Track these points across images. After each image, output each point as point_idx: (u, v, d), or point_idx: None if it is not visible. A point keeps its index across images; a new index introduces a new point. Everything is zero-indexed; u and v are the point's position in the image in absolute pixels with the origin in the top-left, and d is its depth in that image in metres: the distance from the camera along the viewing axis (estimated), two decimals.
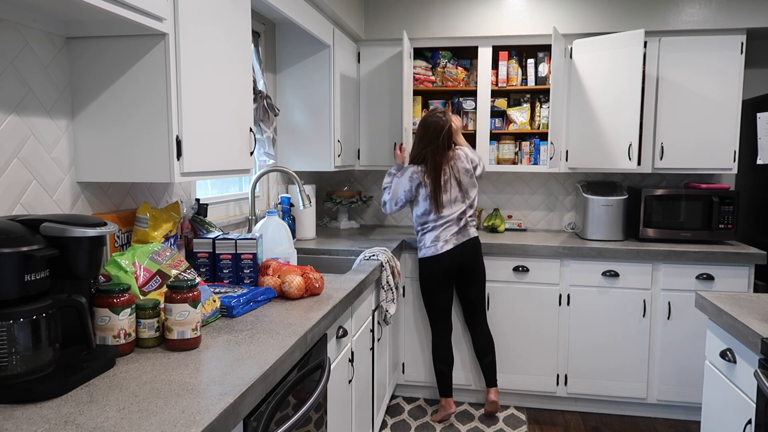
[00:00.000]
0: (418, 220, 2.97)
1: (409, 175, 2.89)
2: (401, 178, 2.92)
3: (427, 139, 2.87)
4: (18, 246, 1.15)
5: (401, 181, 2.91)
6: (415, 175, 2.88)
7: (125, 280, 1.50)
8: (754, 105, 3.29)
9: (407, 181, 2.90)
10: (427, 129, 2.88)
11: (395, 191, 2.94)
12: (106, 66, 1.57)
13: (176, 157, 1.56)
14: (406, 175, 2.90)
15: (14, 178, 1.44)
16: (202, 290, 1.59)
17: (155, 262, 1.59)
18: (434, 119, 2.88)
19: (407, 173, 2.90)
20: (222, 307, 1.70)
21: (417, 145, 2.92)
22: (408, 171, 2.90)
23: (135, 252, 1.56)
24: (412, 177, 2.88)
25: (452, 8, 3.51)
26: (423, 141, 2.89)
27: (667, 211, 3.31)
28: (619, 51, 3.15)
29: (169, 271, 1.61)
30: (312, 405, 1.55)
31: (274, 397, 1.40)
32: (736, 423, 1.80)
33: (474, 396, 3.44)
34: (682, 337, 3.14)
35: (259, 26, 2.88)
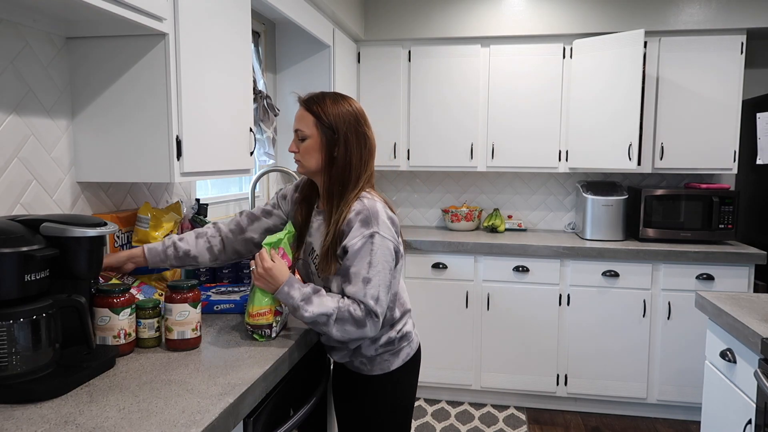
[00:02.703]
0: (394, 297, 1.63)
1: (387, 216, 1.53)
2: (380, 229, 1.49)
3: (369, 147, 1.60)
4: (18, 246, 1.15)
5: (385, 237, 1.49)
6: (392, 215, 1.57)
7: None
8: (754, 105, 3.29)
9: (391, 229, 1.52)
10: (365, 131, 1.60)
11: (382, 267, 1.48)
12: (106, 66, 1.57)
13: (176, 157, 1.56)
14: (383, 218, 1.51)
15: (14, 178, 1.44)
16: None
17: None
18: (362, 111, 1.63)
19: (381, 213, 1.51)
20: None
21: (356, 155, 1.56)
22: (379, 208, 1.51)
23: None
24: (393, 220, 1.55)
25: (452, 8, 3.51)
26: (355, 146, 1.56)
27: (667, 211, 3.31)
28: (619, 51, 3.15)
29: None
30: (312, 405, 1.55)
31: (274, 397, 1.40)
32: (736, 423, 1.80)
33: (474, 396, 3.44)
34: (682, 337, 3.14)
35: (259, 26, 2.88)
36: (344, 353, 1.63)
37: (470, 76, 3.53)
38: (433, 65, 3.56)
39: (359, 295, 1.44)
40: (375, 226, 1.47)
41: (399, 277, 1.63)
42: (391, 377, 1.64)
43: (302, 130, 1.55)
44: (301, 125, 1.56)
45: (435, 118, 3.59)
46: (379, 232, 1.48)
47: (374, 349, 1.60)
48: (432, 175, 4.00)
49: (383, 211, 1.52)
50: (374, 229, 1.47)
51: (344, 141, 1.54)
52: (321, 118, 1.54)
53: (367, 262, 1.45)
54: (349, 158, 1.54)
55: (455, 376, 3.38)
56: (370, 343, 1.60)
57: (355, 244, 1.46)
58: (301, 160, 1.58)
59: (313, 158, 1.55)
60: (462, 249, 3.31)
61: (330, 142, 1.54)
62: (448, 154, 3.59)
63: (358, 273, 1.45)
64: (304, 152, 1.56)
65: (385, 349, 1.61)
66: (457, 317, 3.36)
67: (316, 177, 1.60)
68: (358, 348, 1.60)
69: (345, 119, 1.55)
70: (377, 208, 1.51)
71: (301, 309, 1.42)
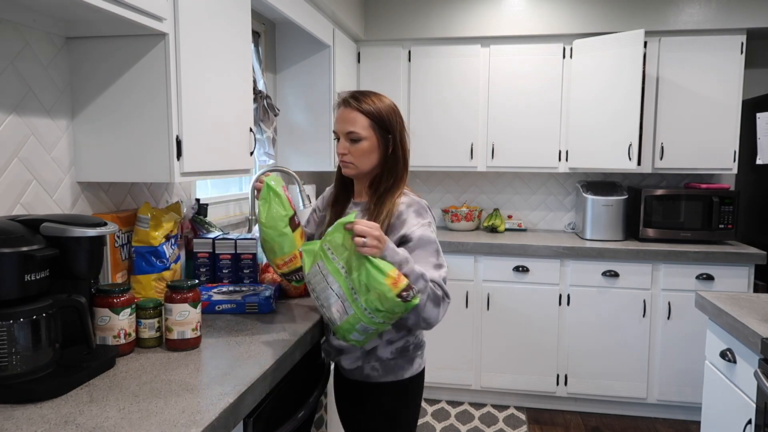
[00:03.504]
0: None
1: (431, 218, 1.57)
2: (431, 224, 1.55)
3: (408, 140, 1.64)
4: (18, 246, 1.15)
5: (434, 232, 1.55)
6: (430, 209, 1.61)
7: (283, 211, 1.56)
8: (754, 105, 3.29)
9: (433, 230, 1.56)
10: (403, 124, 1.63)
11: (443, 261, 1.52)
12: (107, 66, 1.57)
13: (176, 157, 1.56)
14: (431, 215, 1.59)
15: (14, 178, 1.44)
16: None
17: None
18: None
19: (428, 210, 1.59)
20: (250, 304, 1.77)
21: (408, 150, 1.63)
22: (424, 205, 1.57)
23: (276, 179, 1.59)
24: (431, 223, 1.57)
25: (452, 8, 3.51)
26: (406, 142, 1.62)
27: (667, 211, 3.31)
28: (619, 51, 3.15)
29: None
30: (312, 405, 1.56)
31: (274, 397, 1.40)
32: (736, 423, 1.80)
33: (474, 396, 3.44)
34: (682, 337, 3.14)
35: (259, 26, 2.88)
36: (356, 357, 1.56)
37: (470, 76, 3.53)
38: (433, 65, 3.56)
39: (436, 278, 1.42)
40: (429, 218, 1.53)
41: None
42: (402, 386, 1.57)
43: (357, 132, 1.52)
44: (356, 127, 1.52)
45: (435, 118, 3.59)
46: (432, 223, 1.54)
47: (390, 352, 1.54)
48: (432, 175, 3.99)
49: (429, 208, 1.58)
50: (429, 219, 1.53)
51: (400, 139, 1.57)
52: (377, 119, 1.53)
53: (434, 249, 1.47)
54: (404, 155, 1.58)
55: (455, 376, 3.38)
56: (387, 344, 1.55)
57: (416, 231, 1.46)
58: (354, 162, 1.55)
59: (370, 160, 1.55)
60: (462, 249, 3.31)
61: (386, 141, 1.55)
62: (448, 154, 3.59)
63: (428, 259, 1.44)
64: (360, 155, 1.53)
65: (400, 354, 1.56)
66: (457, 317, 3.36)
67: (364, 176, 1.59)
68: (373, 350, 1.54)
69: (395, 117, 1.57)
70: (424, 204, 1.57)
71: (410, 261, 1.36)
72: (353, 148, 1.53)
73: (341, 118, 1.55)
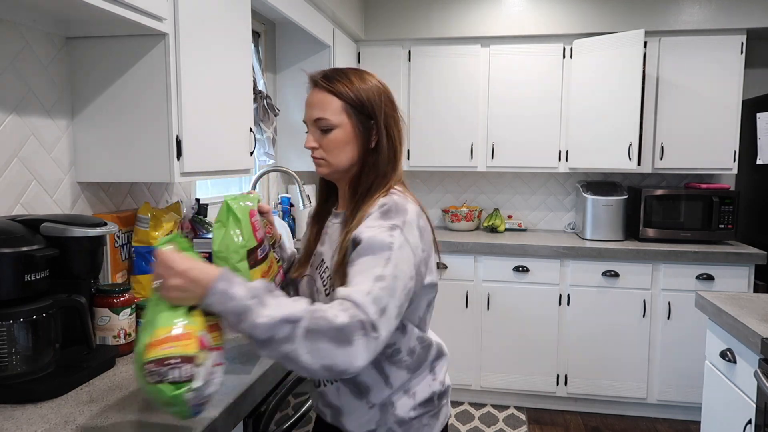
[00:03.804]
0: (420, 332, 1.22)
1: (418, 220, 1.15)
2: (405, 228, 1.11)
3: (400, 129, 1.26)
4: (18, 246, 1.15)
5: (408, 240, 1.10)
6: (425, 224, 1.19)
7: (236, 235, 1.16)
8: (754, 105, 3.29)
9: (418, 237, 1.14)
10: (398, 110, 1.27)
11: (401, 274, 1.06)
12: (106, 66, 1.57)
13: (176, 157, 1.56)
14: (412, 218, 1.14)
15: (14, 178, 1.44)
16: None
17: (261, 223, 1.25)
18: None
19: (410, 213, 1.14)
20: None
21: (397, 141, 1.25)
22: (410, 208, 1.15)
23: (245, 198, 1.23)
24: (423, 230, 1.17)
25: (452, 8, 3.51)
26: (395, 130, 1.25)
27: (667, 211, 3.31)
28: (619, 51, 3.15)
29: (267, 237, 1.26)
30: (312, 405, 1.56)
31: (274, 397, 1.40)
32: (736, 423, 1.80)
33: (474, 396, 3.44)
34: (682, 337, 3.14)
35: (259, 26, 2.88)
36: (367, 418, 1.17)
37: (470, 76, 3.53)
38: (433, 65, 3.56)
39: (356, 295, 0.96)
40: (399, 220, 1.09)
41: (428, 318, 1.23)
42: None
43: (327, 119, 1.16)
44: (325, 112, 1.16)
45: (435, 118, 3.59)
46: (403, 230, 1.08)
47: (412, 408, 1.18)
48: (432, 175, 3.99)
49: (414, 212, 1.13)
50: (397, 222, 1.09)
51: (384, 126, 1.19)
52: (353, 102, 1.17)
53: (386, 258, 1.03)
54: (393, 147, 1.21)
55: (455, 376, 3.38)
56: (408, 398, 1.17)
57: (366, 233, 1.06)
58: (326, 157, 1.19)
59: (345, 153, 1.18)
60: (462, 249, 3.31)
61: (366, 129, 1.18)
62: (448, 154, 3.59)
63: (366, 269, 1.01)
64: (332, 147, 1.18)
65: (426, 409, 1.19)
66: (457, 317, 3.36)
67: (342, 176, 1.22)
68: (388, 406, 1.16)
69: (380, 98, 1.20)
70: (407, 206, 1.13)
71: (252, 313, 0.92)
72: (324, 140, 1.18)
73: (309, 101, 1.20)
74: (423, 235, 1.14)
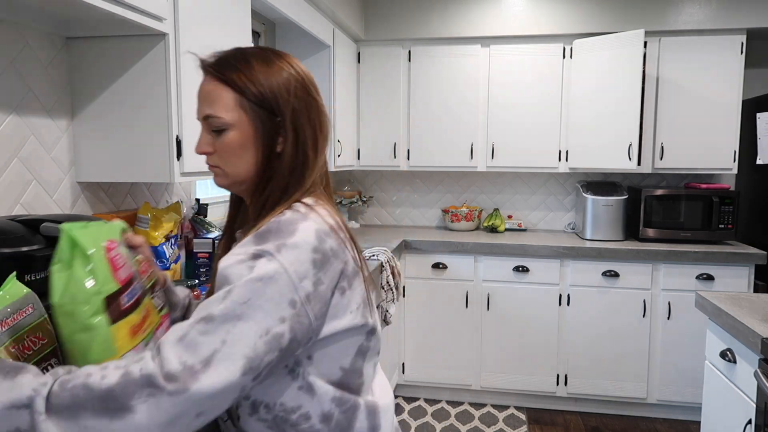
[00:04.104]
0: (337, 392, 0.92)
1: (314, 244, 0.86)
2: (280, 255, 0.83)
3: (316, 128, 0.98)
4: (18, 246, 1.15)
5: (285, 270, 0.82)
6: (328, 244, 0.89)
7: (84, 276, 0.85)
8: (754, 105, 3.29)
9: (309, 266, 0.84)
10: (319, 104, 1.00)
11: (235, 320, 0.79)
12: (106, 66, 1.57)
13: (176, 157, 1.56)
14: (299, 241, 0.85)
15: (14, 178, 1.44)
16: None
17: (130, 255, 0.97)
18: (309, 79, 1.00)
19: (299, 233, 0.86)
20: None
21: (311, 144, 0.97)
22: (303, 228, 0.87)
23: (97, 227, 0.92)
24: (324, 251, 0.87)
25: (452, 8, 3.51)
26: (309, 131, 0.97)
27: (667, 211, 3.31)
28: (619, 51, 3.15)
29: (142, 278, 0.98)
30: None
31: None
32: (736, 423, 1.80)
33: (474, 396, 3.44)
34: (682, 337, 3.14)
35: (259, 26, 2.88)
36: None
37: (470, 76, 3.53)
38: (434, 65, 3.56)
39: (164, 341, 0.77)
40: (272, 245, 0.83)
41: (365, 373, 0.95)
42: None
43: (216, 116, 0.92)
44: (214, 107, 0.93)
45: (435, 118, 3.59)
46: (276, 256, 0.82)
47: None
48: (432, 175, 3.99)
49: (309, 233, 0.86)
50: (267, 247, 0.83)
51: (293, 125, 0.93)
52: (249, 92, 0.92)
53: (223, 293, 0.80)
54: (303, 151, 0.95)
55: (455, 376, 3.38)
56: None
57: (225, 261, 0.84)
58: (221, 165, 0.95)
59: (243, 160, 0.94)
60: (462, 249, 3.31)
61: (269, 129, 0.93)
62: (448, 154, 3.59)
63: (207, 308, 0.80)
64: (227, 152, 0.94)
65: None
66: (457, 317, 3.36)
67: (244, 188, 0.98)
68: None
69: (289, 89, 0.94)
70: (298, 226, 0.86)
71: None
72: (218, 143, 0.94)
73: (198, 93, 0.97)
74: (325, 264, 0.85)
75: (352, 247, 0.94)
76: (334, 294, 0.88)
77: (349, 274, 0.90)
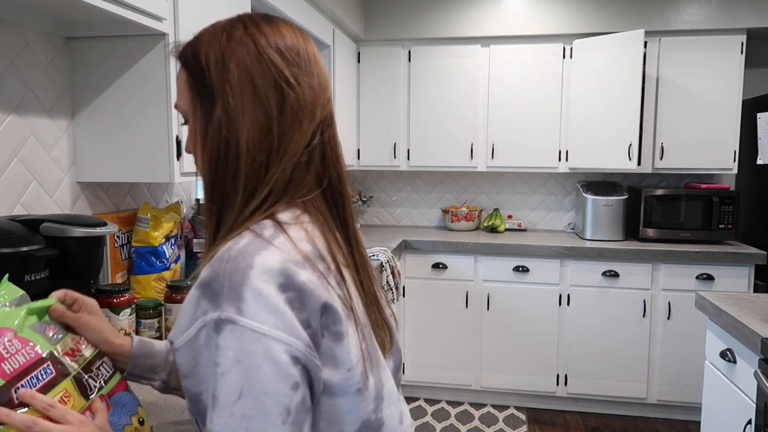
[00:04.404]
0: None
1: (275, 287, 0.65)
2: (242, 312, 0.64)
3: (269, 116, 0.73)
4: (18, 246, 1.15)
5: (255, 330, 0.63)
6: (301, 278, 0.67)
7: None
8: (754, 105, 3.29)
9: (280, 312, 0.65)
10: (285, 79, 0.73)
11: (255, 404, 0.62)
12: (106, 66, 1.57)
13: (176, 157, 1.56)
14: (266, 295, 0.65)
15: (14, 178, 1.44)
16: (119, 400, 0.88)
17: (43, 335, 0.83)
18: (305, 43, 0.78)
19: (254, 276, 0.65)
20: None
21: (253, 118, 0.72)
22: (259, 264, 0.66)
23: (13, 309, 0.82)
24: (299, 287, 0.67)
25: (452, 8, 3.51)
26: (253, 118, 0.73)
27: (667, 211, 3.31)
28: (619, 51, 3.15)
29: (65, 360, 0.83)
30: None
31: None
32: (736, 423, 1.80)
33: (474, 396, 3.44)
34: (682, 337, 3.14)
35: None
36: None
37: (470, 76, 3.53)
38: (434, 65, 3.56)
39: None
40: (228, 306, 0.64)
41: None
42: None
43: (178, 104, 0.79)
44: (177, 94, 0.80)
45: (435, 118, 3.59)
46: (240, 322, 0.64)
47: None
48: (432, 175, 4.00)
49: (270, 270, 0.66)
50: (223, 313, 0.64)
51: (222, 98, 0.73)
52: (191, 67, 0.76)
53: (210, 387, 0.65)
54: (229, 130, 0.73)
55: (455, 376, 3.38)
56: None
57: (179, 342, 0.69)
58: (194, 159, 0.81)
59: (197, 155, 0.79)
60: (462, 249, 3.31)
61: (207, 108, 0.74)
62: (448, 154, 3.59)
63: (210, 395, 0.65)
64: (189, 142, 0.80)
65: None
66: (457, 317, 3.36)
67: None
68: None
69: (228, 54, 0.74)
70: (252, 263, 0.66)
71: None
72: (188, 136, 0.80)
73: None
74: (304, 301, 0.67)
75: (341, 282, 0.72)
76: (323, 336, 0.68)
77: (340, 316, 0.69)
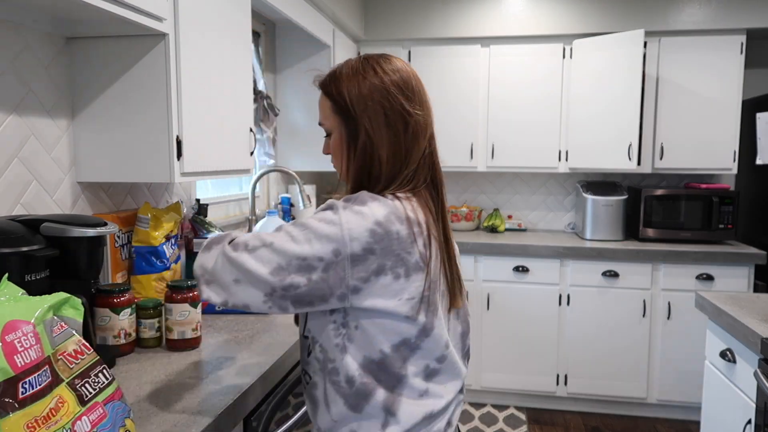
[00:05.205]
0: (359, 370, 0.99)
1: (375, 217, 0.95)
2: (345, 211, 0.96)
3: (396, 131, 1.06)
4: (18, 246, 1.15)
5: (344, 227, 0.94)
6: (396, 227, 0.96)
7: None
8: (754, 105, 3.29)
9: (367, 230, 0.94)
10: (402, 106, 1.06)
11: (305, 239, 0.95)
12: (107, 66, 1.57)
13: (176, 157, 1.56)
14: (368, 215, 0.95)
15: (14, 178, 1.44)
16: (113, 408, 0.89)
17: (49, 336, 0.85)
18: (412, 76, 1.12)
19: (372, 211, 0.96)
20: None
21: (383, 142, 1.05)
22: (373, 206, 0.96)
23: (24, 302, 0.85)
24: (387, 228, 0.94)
25: (452, 8, 3.51)
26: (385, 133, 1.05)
27: (667, 211, 3.31)
28: (619, 51, 3.15)
29: (57, 366, 0.84)
30: None
31: (274, 397, 1.40)
32: (736, 423, 1.80)
33: (474, 396, 3.44)
34: (682, 337, 3.14)
35: (259, 26, 2.88)
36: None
37: (470, 77, 3.53)
38: (433, 65, 3.56)
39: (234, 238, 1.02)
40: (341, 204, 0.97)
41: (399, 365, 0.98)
42: None
43: (322, 123, 1.11)
44: (321, 116, 1.10)
45: (435, 118, 3.58)
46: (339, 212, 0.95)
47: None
48: None
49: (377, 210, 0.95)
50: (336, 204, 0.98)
51: (365, 129, 1.03)
52: (337, 101, 1.05)
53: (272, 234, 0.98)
54: (372, 149, 1.03)
55: None
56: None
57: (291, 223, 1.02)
58: (333, 163, 1.12)
59: (338, 161, 1.10)
60: (462, 249, 3.31)
61: (352, 131, 1.05)
62: (448, 154, 3.59)
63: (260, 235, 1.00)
64: (332, 152, 1.11)
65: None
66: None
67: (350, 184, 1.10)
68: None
69: (366, 93, 1.03)
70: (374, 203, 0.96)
71: None
72: (329, 145, 1.12)
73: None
74: (383, 240, 0.93)
75: (427, 245, 0.98)
76: (386, 273, 0.94)
77: (409, 264, 0.95)
